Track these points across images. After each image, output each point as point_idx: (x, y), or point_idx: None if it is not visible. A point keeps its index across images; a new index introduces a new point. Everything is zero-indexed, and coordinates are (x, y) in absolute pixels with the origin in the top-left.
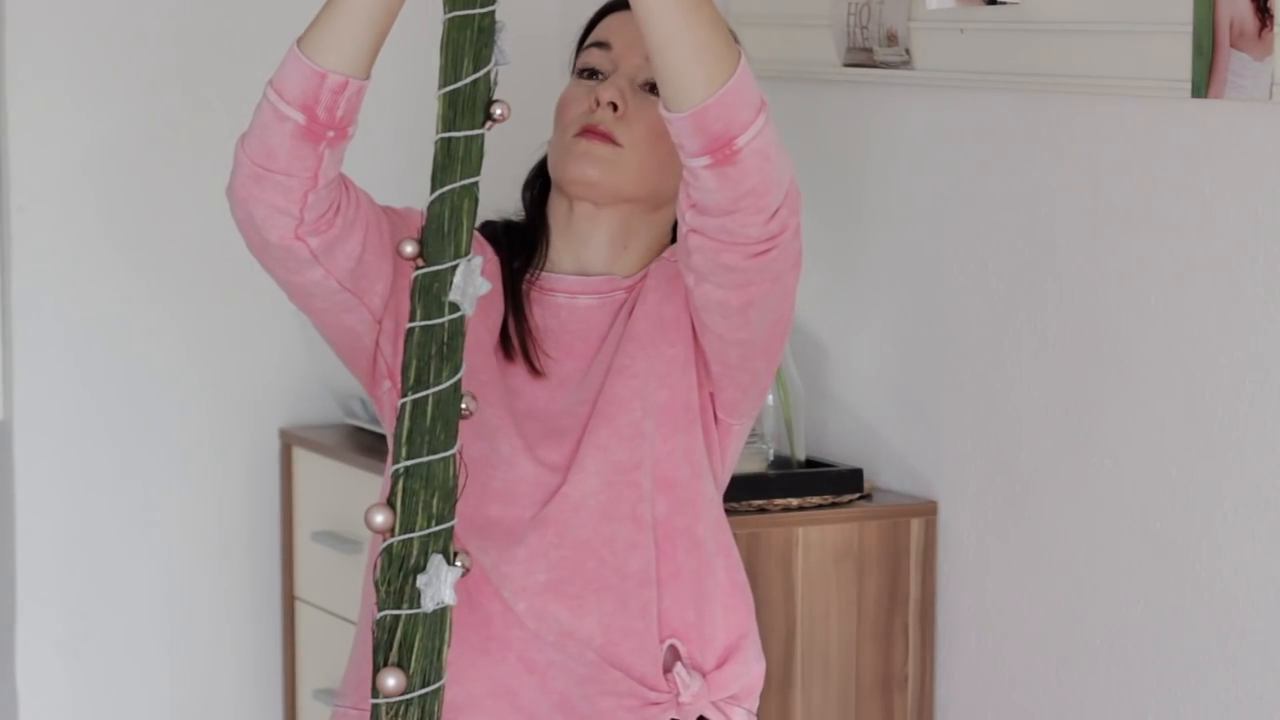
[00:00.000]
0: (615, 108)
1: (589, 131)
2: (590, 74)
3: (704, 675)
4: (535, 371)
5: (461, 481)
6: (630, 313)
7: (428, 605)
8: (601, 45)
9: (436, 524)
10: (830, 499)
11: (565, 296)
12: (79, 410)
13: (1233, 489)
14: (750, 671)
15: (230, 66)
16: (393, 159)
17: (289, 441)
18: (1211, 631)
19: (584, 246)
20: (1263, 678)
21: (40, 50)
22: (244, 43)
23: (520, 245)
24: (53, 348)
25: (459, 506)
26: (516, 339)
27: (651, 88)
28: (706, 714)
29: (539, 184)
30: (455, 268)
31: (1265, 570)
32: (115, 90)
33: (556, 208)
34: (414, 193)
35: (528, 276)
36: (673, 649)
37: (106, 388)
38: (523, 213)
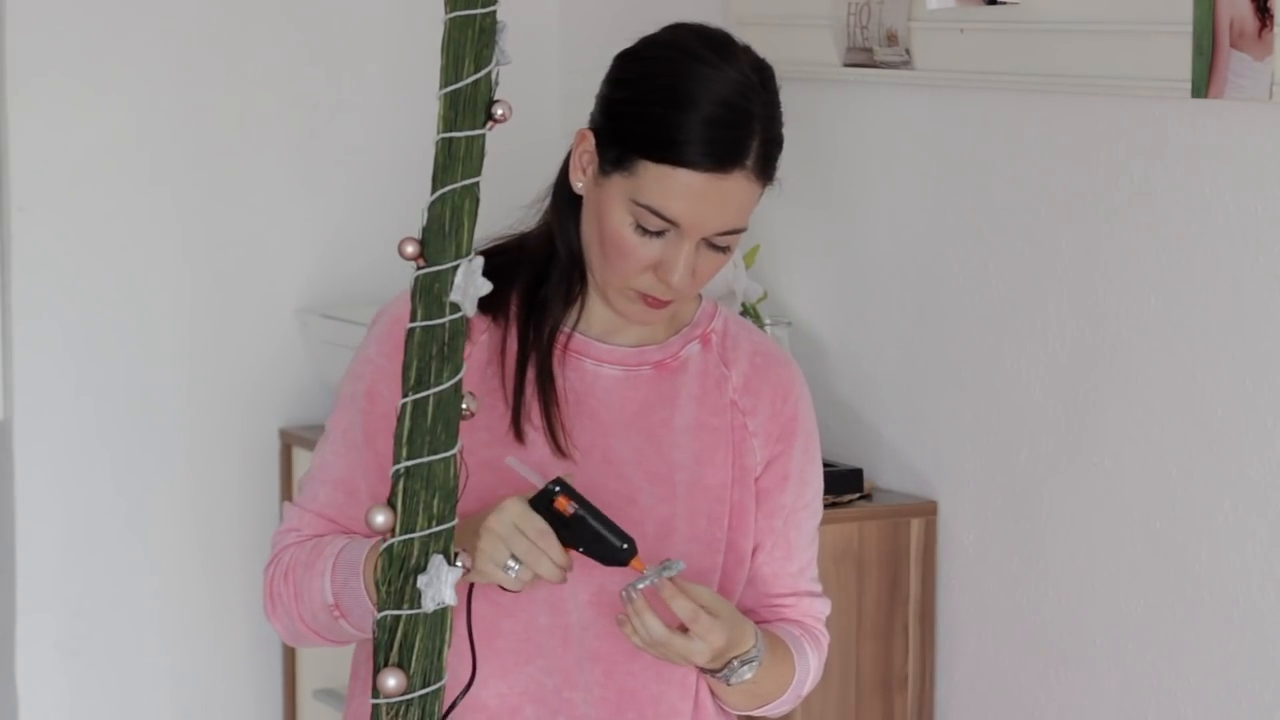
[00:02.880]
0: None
1: (651, 300)
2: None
3: None
4: (560, 453)
5: (462, 482)
6: (667, 418)
7: (428, 605)
8: (669, 222)
9: (437, 524)
10: (830, 499)
11: (592, 363)
12: (79, 410)
13: (1233, 489)
14: None
15: (230, 67)
16: (394, 159)
17: (289, 441)
18: (1211, 631)
19: (625, 324)
20: (1263, 678)
21: (40, 50)
22: (244, 43)
23: (539, 285)
24: (53, 348)
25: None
26: (544, 417)
27: (714, 244)
28: None
29: (570, 215)
30: (456, 268)
31: (1265, 570)
32: (115, 90)
33: (596, 278)
34: (415, 193)
35: (560, 336)
36: None
37: (106, 388)
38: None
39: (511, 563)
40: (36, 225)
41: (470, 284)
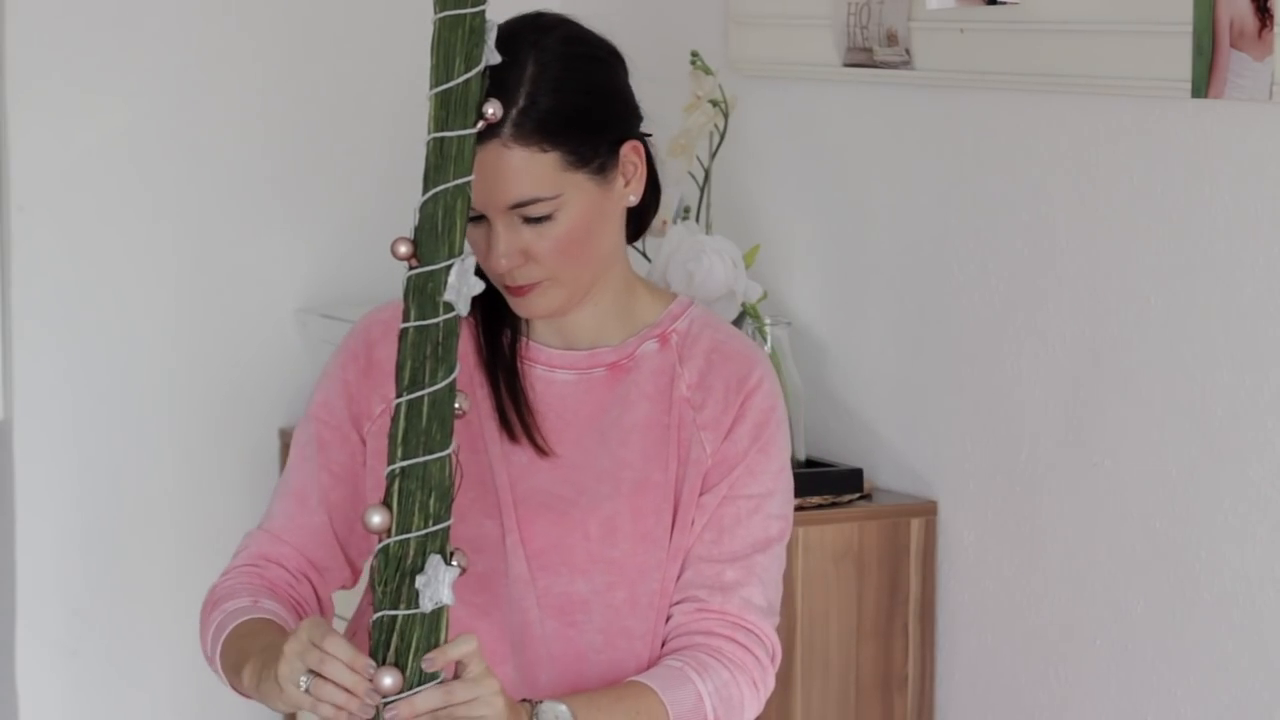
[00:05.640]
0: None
1: (511, 289)
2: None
3: None
4: (542, 452)
5: (457, 482)
6: (618, 417)
7: (426, 605)
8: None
9: (433, 524)
10: (830, 499)
11: (544, 369)
12: (79, 410)
13: (1233, 489)
14: None
15: (228, 68)
16: (385, 159)
17: (289, 441)
18: (1211, 631)
19: (589, 324)
20: (1263, 678)
21: (41, 50)
22: (244, 43)
23: (492, 293)
24: (53, 348)
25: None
26: (520, 423)
27: (525, 218)
28: None
29: None
30: (449, 267)
31: (1265, 570)
32: (115, 90)
33: None
34: (406, 193)
35: (526, 347)
36: None
37: (106, 388)
38: None
39: (303, 679)
40: (36, 225)
41: (464, 283)
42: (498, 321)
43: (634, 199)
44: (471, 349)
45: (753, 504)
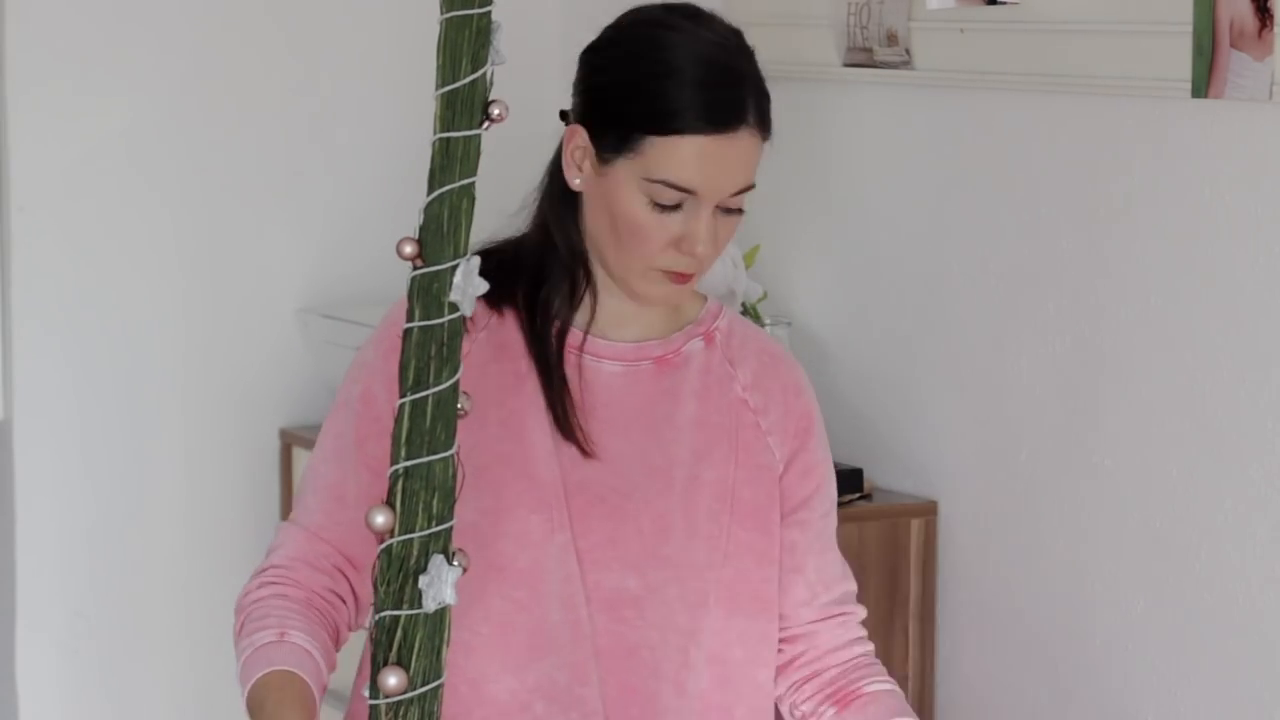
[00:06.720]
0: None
1: (677, 276)
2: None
3: None
4: (585, 454)
5: (459, 481)
6: (669, 413)
7: (429, 605)
8: (686, 191)
9: (437, 524)
10: None
11: (592, 359)
12: (79, 410)
13: (1233, 489)
14: None
15: (229, 68)
16: (386, 159)
17: (289, 441)
18: (1211, 631)
19: (638, 317)
20: (1263, 678)
21: (41, 51)
22: (243, 43)
23: (540, 284)
24: (53, 348)
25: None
26: (566, 420)
27: (726, 207)
28: None
29: (568, 211)
30: (454, 268)
31: (1265, 570)
32: (115, 91)
33: (613, 269)
34: (407, 193)
35: (572, 336)
36: None
37: (106, 388)
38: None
39: None
40: (36, 225)
41: (469, 284)
42: (544, 311)
43: None
44: (518, 338)
45: (834, 507)
